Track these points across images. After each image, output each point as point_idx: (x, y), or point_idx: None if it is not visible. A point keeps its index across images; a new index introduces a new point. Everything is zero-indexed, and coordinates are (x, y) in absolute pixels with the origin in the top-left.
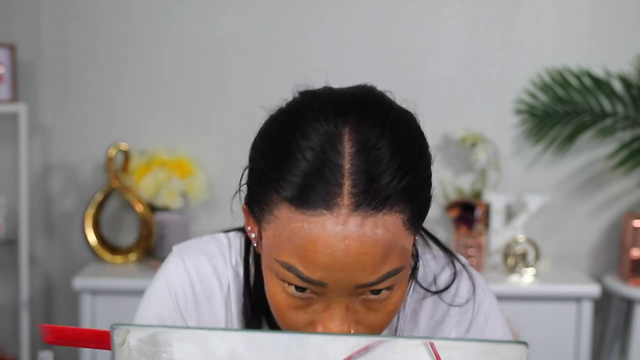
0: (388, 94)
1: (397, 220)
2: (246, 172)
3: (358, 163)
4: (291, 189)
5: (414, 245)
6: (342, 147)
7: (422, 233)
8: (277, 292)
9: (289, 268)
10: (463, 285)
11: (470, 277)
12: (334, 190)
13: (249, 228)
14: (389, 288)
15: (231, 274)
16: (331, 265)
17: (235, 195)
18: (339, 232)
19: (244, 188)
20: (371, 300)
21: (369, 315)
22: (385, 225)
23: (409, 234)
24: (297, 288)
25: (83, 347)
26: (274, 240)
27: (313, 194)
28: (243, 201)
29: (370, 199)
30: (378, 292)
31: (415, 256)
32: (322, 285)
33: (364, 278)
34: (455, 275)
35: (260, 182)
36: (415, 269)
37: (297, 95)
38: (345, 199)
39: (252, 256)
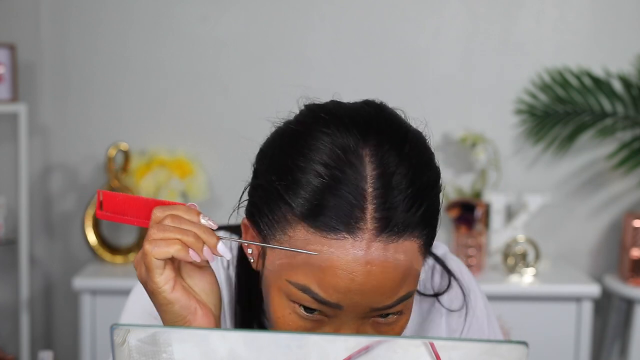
0: (399, 112)
1: (414, 245)
2: (249, 185)
3: (380, 187)
4: (310, 210)
5: None
6: (364, 170)
7: None
8: (285, 314)
9: (305, 290)
10: (456, 288)
11: (459, 281)
12: (357, 214)
13: (246, 244)
14: (399, 312)
15: (222, 274)
16: (350, 290)
17: (235, 210)
18: (361, 256)
19: (243, 198)
20: (380, 323)
21: None
22: (405, 251)
23: (422, 259)
24: (307, 309)
25: (127, 222)
26: (287, 260)
27: (335, 217)
28: (244, 215)
29: (393, 224)
30: (386, 315)
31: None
32: (337, 307)
33: (380, 302)
34: (450, 281)
35: (270, 199)
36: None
37: (303, 108)
38: (369, 223)
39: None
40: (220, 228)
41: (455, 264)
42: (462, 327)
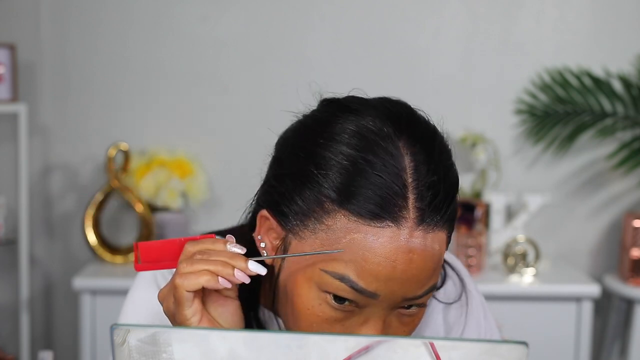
0: (422, 113)
1: (444, 236)
2: (264, 178)
3: (418, 178)
4: (352, 197)
5: None
6: (403, 160)
7: None
8: (314, 305)
9: (342, 279)
10: (450, 281)
11: (455, 269)
12: (400, 203)
13: (259, 237)
14: (422, 304)
15: None
16: (391, 278)
17: (249, 206)
18: (403, 245)
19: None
20: (404, 314)
21: (398, 330)
22: (439, 241)
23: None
24: (338, 300)
25: (166, 267)
26: (322, 249)
27: (379, 204)
28: (257, 207)
29: (432, 214)
30: (409, 307)
31: None
32: (373, 296)
33: (414, 291)
34: (445, 271)
35: (303, 188)
36: None
37: (320, 101)
38: (411, 212)
39: None
40: (217, 233)
41: (449, 256)
42: (465, 312)
